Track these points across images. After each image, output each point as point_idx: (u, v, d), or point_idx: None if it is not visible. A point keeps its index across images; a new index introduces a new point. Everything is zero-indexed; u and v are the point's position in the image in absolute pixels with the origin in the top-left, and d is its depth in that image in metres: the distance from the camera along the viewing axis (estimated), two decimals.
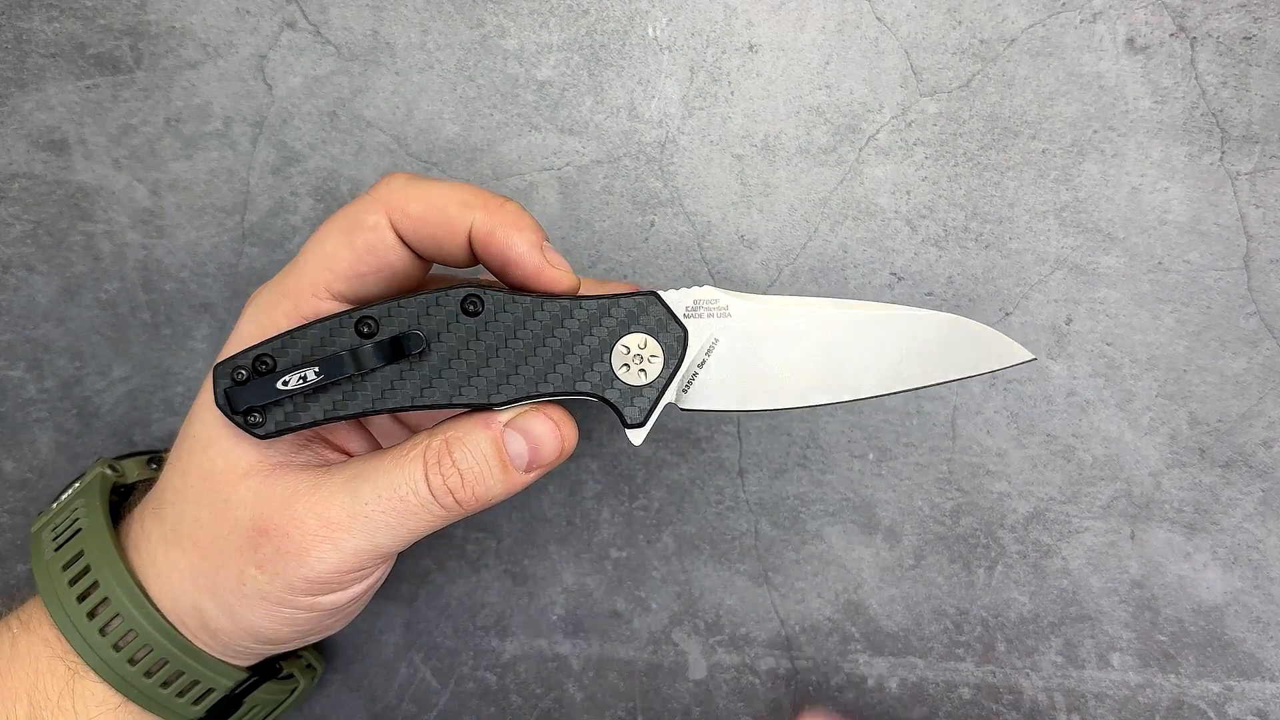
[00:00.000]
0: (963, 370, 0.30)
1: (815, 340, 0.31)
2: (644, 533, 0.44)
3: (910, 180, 0.42)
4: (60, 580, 0.33)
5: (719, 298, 0.31)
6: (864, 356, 0.31)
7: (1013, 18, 0.41)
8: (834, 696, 0.44)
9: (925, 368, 0.30)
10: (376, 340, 0.30)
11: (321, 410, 0.30)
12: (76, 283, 0.43)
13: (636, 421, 0.31)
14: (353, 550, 0.31)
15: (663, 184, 0.43)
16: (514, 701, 0.44)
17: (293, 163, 0.43)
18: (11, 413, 0.44)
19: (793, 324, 0.31)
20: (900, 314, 0.30)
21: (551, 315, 0.31)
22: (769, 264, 0.43)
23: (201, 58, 0.43)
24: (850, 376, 0.31)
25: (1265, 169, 0.41)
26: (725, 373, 0.31)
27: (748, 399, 0.31)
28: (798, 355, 0.31)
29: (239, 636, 0.33)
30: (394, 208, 0.31)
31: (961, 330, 0.30)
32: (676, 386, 0.31)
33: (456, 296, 0.30)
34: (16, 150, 0.43)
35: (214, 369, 0.30)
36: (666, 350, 0.31)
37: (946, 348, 0.30)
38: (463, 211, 0.31)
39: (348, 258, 0.31)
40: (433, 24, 0.42)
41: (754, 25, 0.42)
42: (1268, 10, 0.40)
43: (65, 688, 0.33)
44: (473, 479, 0.31)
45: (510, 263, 0.31)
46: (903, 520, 0.43)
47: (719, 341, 0.31)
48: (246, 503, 0.32)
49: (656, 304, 0.31)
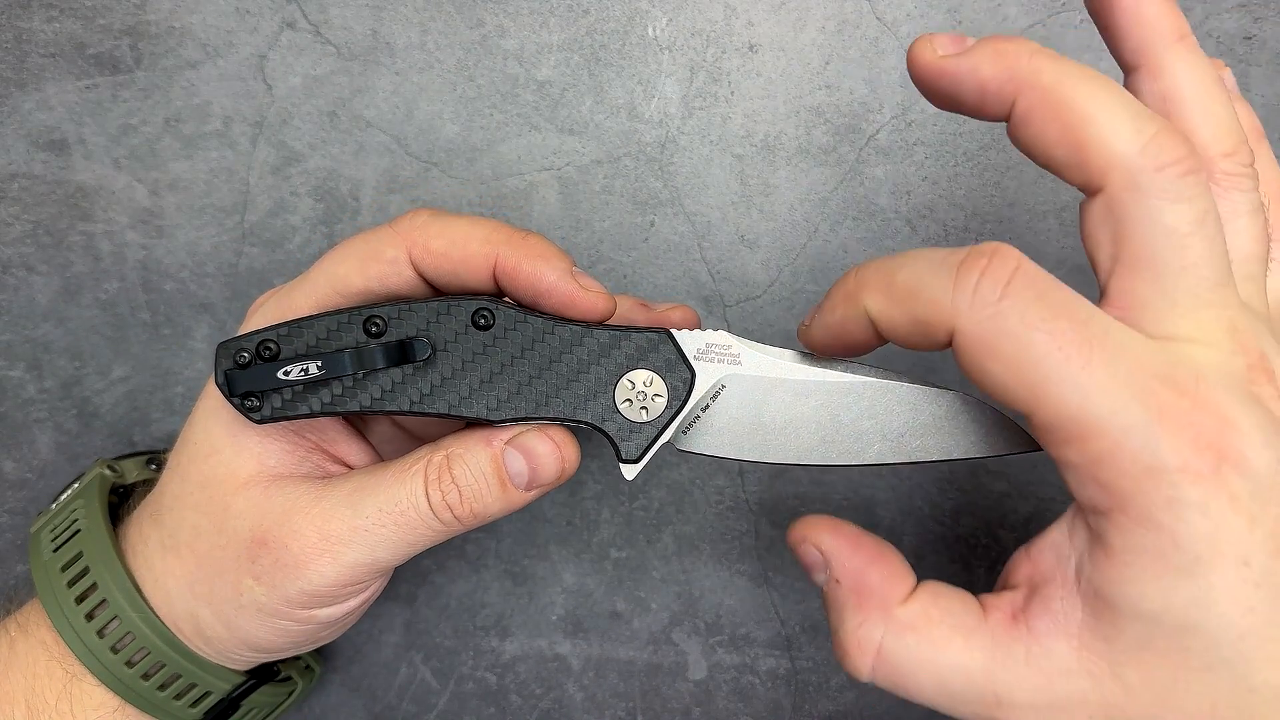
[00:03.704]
0: (968, 452, 0.30)
1: (821, 402, 0.30)
2: (644, 533, 0.44)
3: (910, 180, 0.42)
4: (59, 581, 0.33)
5: (732, 344, 0.31)
6: (868, 424, 0.30)
7: (1013, 18, 0.41)
8: (834, 696, 0.44)
9: (929, 443, 0.30)
10: (383, 342, 0.30)
11: (320, 403, 0.30)
12: (76, 283, 0.43)
13: (632, 458, 0.31)
14: (351, 564, 0.31)
15: (663, 184, 0.43)
16: (514, 701, 0.44)
17: (293, 163, 0.43)
18: (11, 413, 0.44)
19: (801, 382, 0.31)
20: (915, 390, 0.30)
21: (562, 340, 0.31)
22: (769, 264, 0.43)
23: (201, 58, 0.43)
24: (852, 443, 0.30)
25: None
26: (727, 420, 0.31)
27: (746, 449, 0.31)
28: (802, 414, 0.31)
29: (234, 645, 0.33)
30: (415, 243, 0.31)
31: (974, 413, 0.30)
32: (676, 427, 0.31)
33: (468, 307, 0.30)
34: (16, 150, 0.43)
35: (218, 348, 0.30)
36: (671, 391, 0.31)
37: (956, 427, 0.30)
38: (485, 248, 0.30)
39: (359, 284, 0.31)
40: (433, 24, 0.42)
41: (754, 25, 0.42)
42: (1268, 10, 0.40)
43: (63, 691, 0.33)
44: (471, 495, 0.31)
45: (542, 293, 0.30)
46: (903, 520, 0.43)
47: (725, 388, 0.31)
48: (245, 513, 0.32)
49: (668, 343, 0.31)
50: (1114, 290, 0.26)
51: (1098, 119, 0.24)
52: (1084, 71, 0.25)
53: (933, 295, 0.24)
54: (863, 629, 0.27)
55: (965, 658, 0.26)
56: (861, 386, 0.30)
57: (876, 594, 0.28)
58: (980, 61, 0.26)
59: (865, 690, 0.44)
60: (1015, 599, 0.27)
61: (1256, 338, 0.25)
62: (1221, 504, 0.23)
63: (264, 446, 0.32)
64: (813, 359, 0.31)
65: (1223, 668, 0.23)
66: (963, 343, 0.24)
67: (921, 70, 0.27)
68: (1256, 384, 0.25)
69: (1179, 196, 0.24)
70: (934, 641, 0.26)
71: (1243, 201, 0.27)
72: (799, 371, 0.31)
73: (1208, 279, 0.25)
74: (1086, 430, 0.23)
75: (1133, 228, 0.25)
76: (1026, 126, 0.26)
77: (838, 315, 0.27)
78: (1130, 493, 0.23)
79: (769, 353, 0.31)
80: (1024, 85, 0.25)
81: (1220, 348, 0.25)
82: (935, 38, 0.27)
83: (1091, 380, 0.23)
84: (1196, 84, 0.27)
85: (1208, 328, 0.25)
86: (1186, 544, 0.23)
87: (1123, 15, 0.28)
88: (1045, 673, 0.25)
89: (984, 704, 0.26)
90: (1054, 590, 0.26)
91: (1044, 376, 0.23)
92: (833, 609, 0.28)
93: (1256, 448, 0.23)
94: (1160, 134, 0.24)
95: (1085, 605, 0.25)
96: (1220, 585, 0.23)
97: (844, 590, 0.28)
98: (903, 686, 0.27)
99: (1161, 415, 0.23)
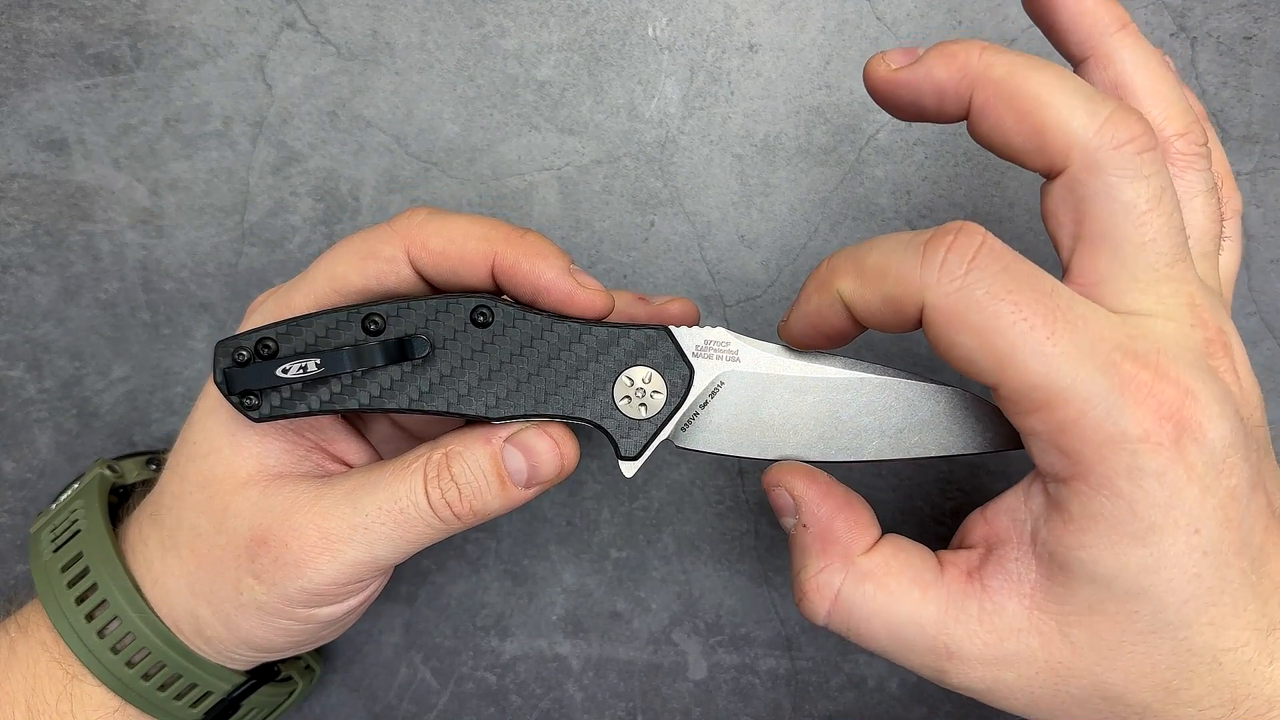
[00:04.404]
0: (966, 448, 0.30)
1: (819, 398, 0.31)
2: (644, 533, 0.44)
3: (910, 180, 0.42)
4: (59, 581, 0.33)
5: (730, 341, 0.31)
6: (866, 420, 0.30)
7: (1013, 17, 0.41)
8: (834, 696, 0.44)
9: (927, 439, 0.30)
10: (381, 339, 0.30)
11: (318, 401, 0.30)
12: (76, 283, 0.43)
13: (631, 455, 0.31)
14: (351, 562, 0.31)
15: (663, 184, 0.43)
16: (514, 701, 0.44)
17: (292, 162, 0.43)
18: (11, 413, 0.44)
19: (799, 378, 0.31)
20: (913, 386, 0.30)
21: (560, 337, 0.31)
22: (769, 264, 0.43)
23: (201, 58, 0.43)
24: (850, 439, 0.31)
25: (1265, 169, 0.41)
26: (726, 416, 0.31)
27: (745, 445, 0.31)
28: (800, 410, 0.31)
29: (234, 645, 0.33)
30: (414, 242, 0.31)
31: (972, 409, 0.30)
32: (675, 424, 0.31)
33: (467, 305, 0.30)
34: (16, 150, 0.43)
35: (216, 346, 0.30)
36: (670, 387, 0.31)
37: (953, 423, 0.30)
38: (483, 246, 0.31)
39: (358, 283, 0.31)
40: (433, 24, 0.42)
41: (754, 25, 0.42)
42: (1268, 10, 0.40)
43: (63, 691, 0.33)
44: (470, 493, 0.31)
45: (540, 291, 0.30)
46: (903, 520, 0.43)
47: (724, 385, 0.31)
48: (245, 513, 0.32)
49: (667, 339, 0.31)
50: (1076, 267, 0.26)
51: (1053, 103, 0.25)
52: (1034, 61, 0.26)
53: (901, 272, 0.25)
54: (823, 574, 0.28)
55: (920, 610, 0.27)
56: (860, 383, 0.30)
57: (840, 541, 0.29)
58: (933, 66, 0.27)
59: (865, 690, 0.44)
60: (971, 558, 0.28)
61: (1214, 312, 0.26)
62: (1179, 473, 0.23)
63: (263, 446, 0.32)
64: (810, 355, 0.31)
65: (1166, 630, 0.24)
66: (931, 316, 0.25)
67: (879, 85, 0.28)
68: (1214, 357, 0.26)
69: (1137, 174, 0.25)
70: (891, 591, 0.27)
71: (1198, 180, 0.28)
72: (797, 368, 0.31)
73: (1166, 254, 0.25)
74: (1051, 399, 0.24)
75: (1093, 205, 0.25)
76: (984, 119, 0.26)
77: (813, 304, 0.28)
78: (1091, 460, 0.24)
79: (767, 349, 0.31)
80: (978, 80, 0.26)
81: (1180, 321, 0.25)
82: (886, 54, 0.28)
83: (1056, 350, 0.23)
84: (1144, 68, 0.28)
85: (1167, 302, 0.25)
86: (1143, 511, 0.24)
87: (1064, 11, 0.28)
88: (996, 629, 0.26)
89: (934, 654, 0.27)
90: (1009, 551, 0.27)
91: (1010, 346, 0.24)
92: (797, 552, 0.29)
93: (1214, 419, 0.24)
94: (1116, 113, 0.25)
95: (1039, 567, 0.26)
96: (1171, 552, 0.24)
97: (810, 535, 0.29)
98: (856, 632, 0.28)
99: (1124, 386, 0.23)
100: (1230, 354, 0.26)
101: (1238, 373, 0.26)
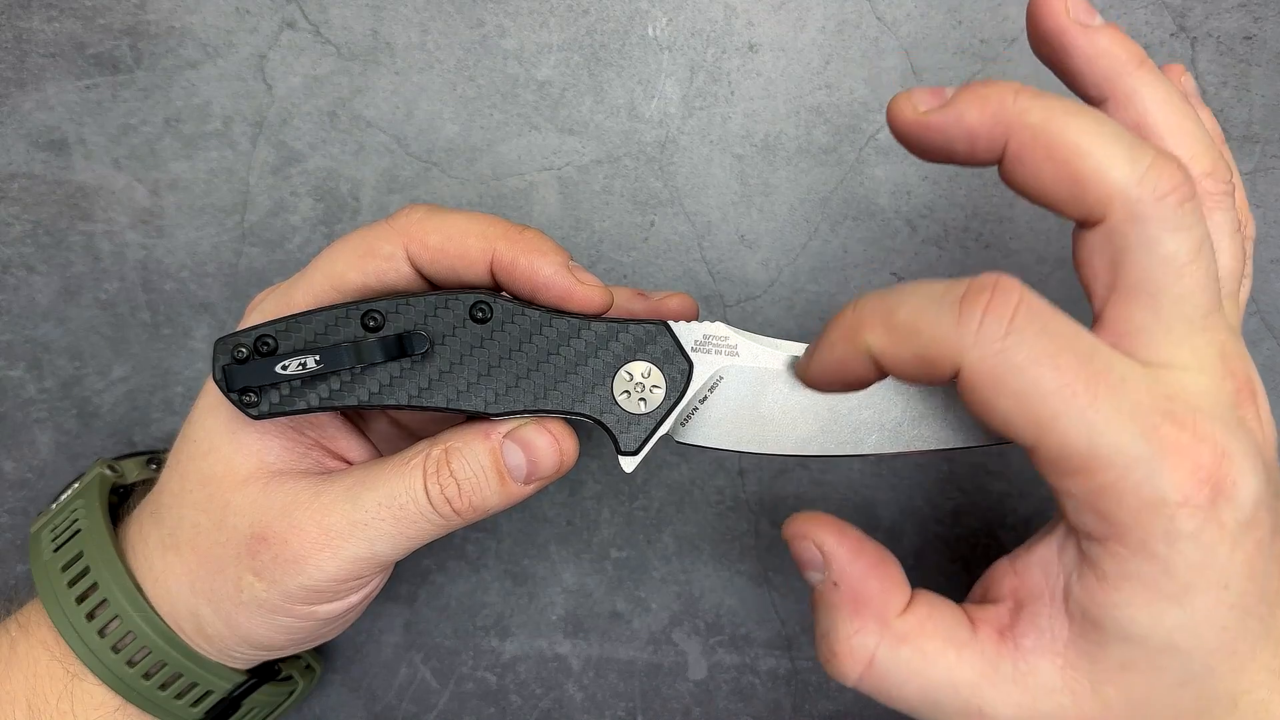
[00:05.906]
0: (965, 441, 0.30)
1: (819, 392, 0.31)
2: (644, 533, 0.44)
3: (910, 180, 0.42)
4: (59, 581, 0.33)
5: (729, 335, 0.31)
6: (865, 414, 0.30)
7: (1013, 17, 0.41)
8: (834, 696, 0.44)
9: (925, 433, 0.30)
10: (381, 336, 0.30)
11: (318, 398, 0.30)
12: (76, 283, 0.43)
13: (630, 450, 0.31)
14: (351, 558, 0.31)
15: (663, 184, 0.43)
16: (514, 701, 0.44)
17: (292, 162, 0.43)
18: (11, 413, 0.44)
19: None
20: None
21: (559, 332, 0.31)
22: (769, 264, 0.43)
23: (201, 58, 0.43)
24: (850, 433, 0.30)
25: (1265, 169, 0.41)
26: (725, 411, 0.31)
27: (745, 440, 0.31)
28: (799, 404, 0.31)
29: (235, 643, 0.33)
30: (412, 239, 0.31)
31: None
32: (675, 419, 0.31)
33: (466, 301, 0.30)
34: (16, 150, 0.43)
35: (215, 344, 0.30)
36: (669, 382, 0.31)
37: (952, 417, 0.30)
38: (481, 243, 0.31)
39: (357, 280, 0.31)
40: (433, 24, 0.42)
41: (754, 25, 0.42)
42: (1268, 10, 0.40)
43: (64, 690, 0.33)
44: (470, 489, 0.31)
45: (539, 287, 0.30)
46: (903, 520, 0.43)
47: (723, 380, 0.31)
48: (245, 510, 0.32)
49: (666, 334, 0.31)
50: (1110, 317, 0.26)
51: (1092, 152, 0.24)
52: (1070, 106, 0.25)
53: (936, 332, 0.24)
54: (857, 637, 0.27)
55: (954, 673, 0.26)
56: None
57: (875, 603, 0.28)
58: (965, 110, 0.26)
59: None
60: (1001, 614, 0.27)
61: (1242, 361, 0.26)
62: (1212, 532, 0.23)
63: (263, 443, 0.32)
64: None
65: (1193, 682, 0.24)
66: (969, 380, 0.24)
67: (907, 129, 0.27)
68: (1243, 407, 0.25)
69: (1178, 225, 0.24)
70: (926, 655, 0.27)
71: (1225, 221, 0.28)
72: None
73: (1202, 306, 0.25)
74: (1092, 464, 0.23)
75: (1132, 256, 0.25)
76: (1020, 166, 0.25)
77: (837, 354, 0.27)
78: (1129, 524, 0.23)
79: (766, 344, 0.31)
80: (1013, 126, 0.25)
81: (1211, 373, 0.25)
82: (913, 94, 0.27)
83: (1098, 416, 0.23)
84: (1167, 106, 0.27)
85: (1201, 354, 0.25)
86: (1179, 573, 0.23)
87: (1079, 54, 0.28)
88: (1030, 690, 0.26)
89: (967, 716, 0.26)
90: (1041, 608, 0.26)
91: (1051, 412, 0.23)
92: (825, 610, 0.28)
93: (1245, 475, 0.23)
94: (1157, 162, 0.24)
95: (1072, 625, 0.26)
96: (1203, 609, 0.24)
97: (841, 595, 0.28)
98: (887, 694, 0.27)
99: (1163, 450, 0.23)
100: (1256, 401, 0.26)
101: (1261, 418, 0.26)
